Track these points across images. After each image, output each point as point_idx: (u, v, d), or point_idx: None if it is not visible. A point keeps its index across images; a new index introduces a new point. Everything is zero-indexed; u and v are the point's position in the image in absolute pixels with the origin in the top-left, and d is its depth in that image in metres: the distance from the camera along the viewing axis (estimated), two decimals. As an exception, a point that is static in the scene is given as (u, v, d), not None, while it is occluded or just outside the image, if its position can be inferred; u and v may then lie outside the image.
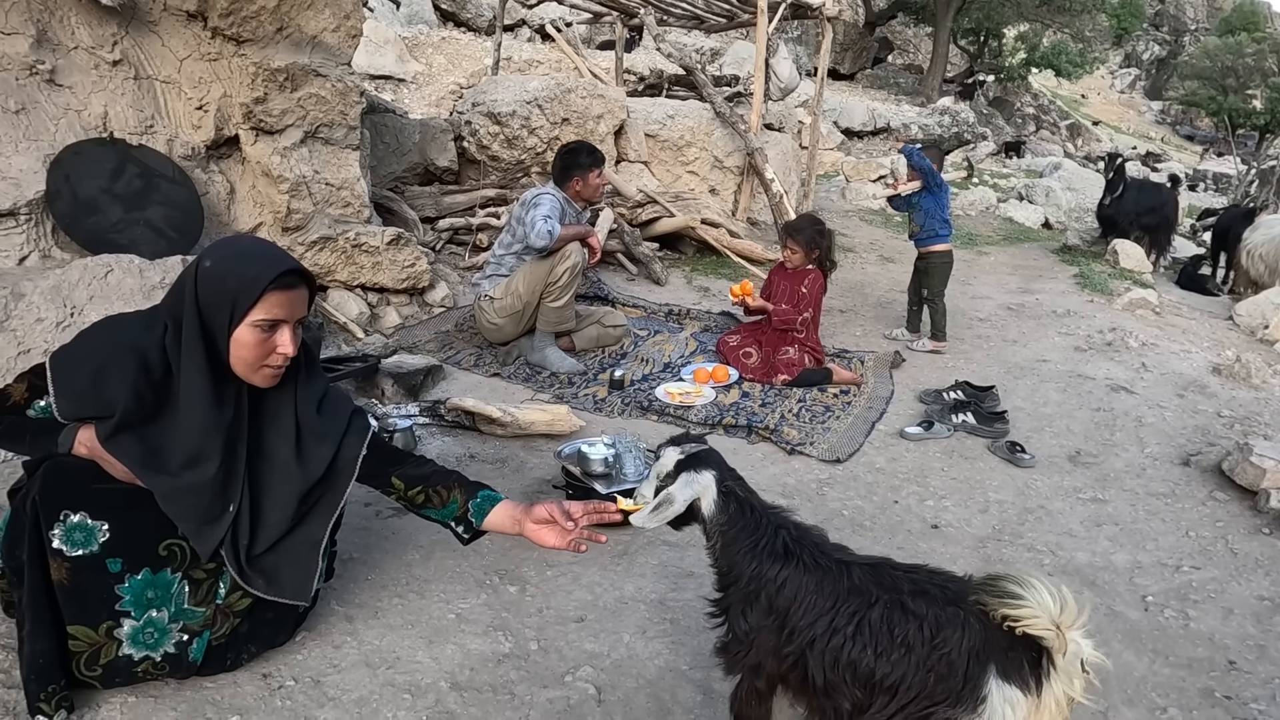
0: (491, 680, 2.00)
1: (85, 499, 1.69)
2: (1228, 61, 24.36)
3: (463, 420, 3.34)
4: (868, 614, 1.51)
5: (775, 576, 1.60)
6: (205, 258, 1.74)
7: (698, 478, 1.73)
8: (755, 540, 1.65)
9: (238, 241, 1.82)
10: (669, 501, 1.72)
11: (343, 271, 4.20)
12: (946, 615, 1.46)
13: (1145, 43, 32.17)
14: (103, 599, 1.73)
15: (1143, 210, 8.09)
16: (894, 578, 1.56)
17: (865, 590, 1.54)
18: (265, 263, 1.72)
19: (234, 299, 1.69)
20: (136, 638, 1.78)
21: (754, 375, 4.17)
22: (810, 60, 16.63)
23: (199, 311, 1.71)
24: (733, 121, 6.85)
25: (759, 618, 1.61)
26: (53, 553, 1.66)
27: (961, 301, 6.09)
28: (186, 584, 1.83)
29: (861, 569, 1.59)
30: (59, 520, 1.66)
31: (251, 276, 1.70)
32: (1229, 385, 4.56)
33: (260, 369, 1.76)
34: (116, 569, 1.73)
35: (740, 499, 1.72)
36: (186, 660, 1.85)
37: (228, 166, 3.99)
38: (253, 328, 1.71)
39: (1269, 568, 2.79)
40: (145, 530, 1.76)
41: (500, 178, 5.98)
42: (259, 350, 1.73)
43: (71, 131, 3.44)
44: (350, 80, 4.07)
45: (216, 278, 1.70)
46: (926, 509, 3.06)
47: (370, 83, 10.39)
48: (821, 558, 1.61)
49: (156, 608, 1.79)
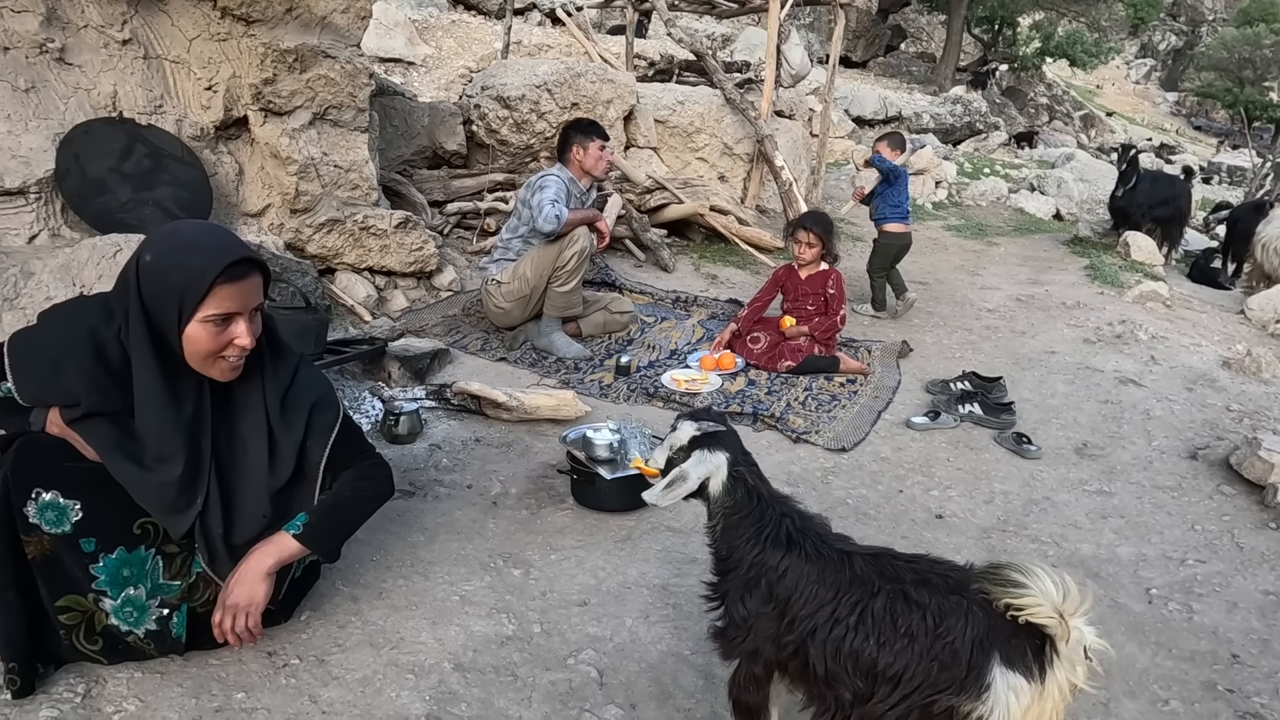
0: (494, 662, 2.02)
1: (57, 477, 1.67)
2: (1245, 53, 24.06)
3: (469, 404, 3.34)
4: (870, 604, 1.50)
5: (776, 565, 1.60)
6: (145, 251, 1.63)
7: (710, 457, 1.72)
8: (759, 527, 1.64)
9: (180, 231, 1.68)
10: (682, 479, 1.71)
11: (350, 254, 4.20)
12: (950, 604, 1.46)
13: (1162, 33, 31.80)
14: (79, 576, 1.71)
15: (1155, 202, 8.01)
16: (896, 567, 1.56)
17: (867, 580, 1.53)
18: (211, 254, 1.61)
19: (180, 295, 1.60)
20: (119, 613, 1.78)
21: (759, 361, 4.16)
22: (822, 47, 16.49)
23: (144, 308, 1.63)
24: (743, 108, 6.81)
25: (758, 604, 1.61)
26: (28, 527, 1.65)
27: (970, 292, 6.06)
28: (160, 559, 1.80)
29: (863, 559, 1.58)
30: (31, 498, 1.65)
31: (198, 270, 1.60)
32: (1239, 379, 4.53)
33: (216, 363, 1.69)
34: (90, 549, 1.71)
35: (749, 485, 1.71)
36: (170, 637, 1.83)
37: (236, 147, 3.99)
38: (204, 324, 1.63)
39: (1275, 562, 2.78)
40: (118, 510, 1.72)
41: (509, 162, 5.97)
42: (212, 345, 1.65)
43: (81, 110, 3.44)
44: (359, 62, 4.06)
45: (159, 273, 1.60)
46: (931, 499, 3.05)
47: (380, 65, 10.35)
48: (824, 547, 1.61)
49: (133, 585, 1.77)
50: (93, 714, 1.73)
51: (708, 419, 1.81)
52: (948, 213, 9.50)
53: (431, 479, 2.85)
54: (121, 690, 1.79)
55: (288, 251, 3.93)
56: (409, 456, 2.99)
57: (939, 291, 6.01)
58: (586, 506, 2.75)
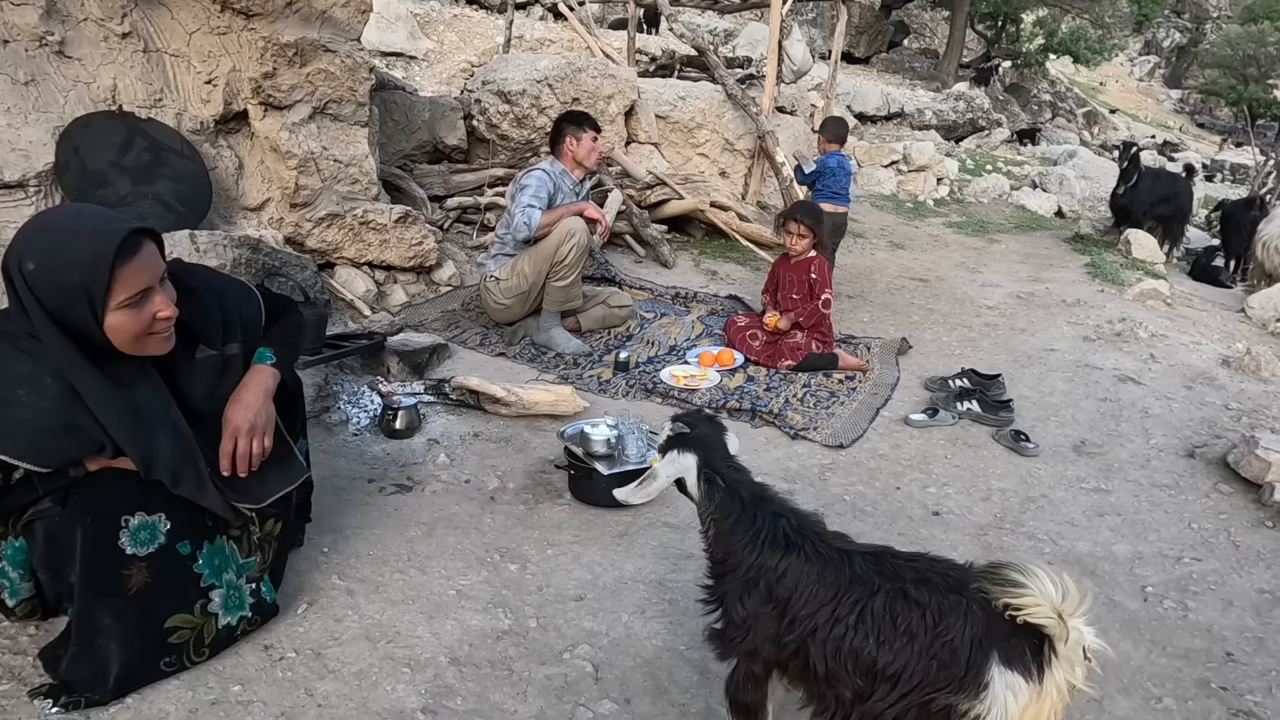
0: (490, 656, 2.02)
1: (136, 498, 1.72)
2: (1250, 50, 23.95)
3: (467, 399, 3.35)
4: (870, 603, 1.51)
5: (775, 566, 1.60)
6: (24, 259, 1.52)
7: (679, 458, 1.74)
8: (755, 530, 1.64)
9: (49, 227, 1.56)
10: (652, 477, 1.75)
11: (350, 249, 4.20)
12: (949, 603, 1.47)
13: (1166, 30, 31.67)
14: (188, 580, 1.80)
15: (1157, 200, 8.00)
16: (895, 566, 1.56)
17: (867, 579, 1.54)
18: (97, 239, 1.52)
19: (85, 292, 1.52)
20: (227, 604, 1.88)
21: (758, 358, 4.16)
22: (824, 43, 16.46)
23: (50, 317, 1.54)
24: (744, 104, 6.80)
25: (756, 604, 1.61)
26: (127, 561, 1.69)
27: (971, 289, 6.06)
28: (233, 543, 1.93)
29: (863, 558, 1.59)
30: (123, 527, 1.70)
31: (91, 261, 1.51)
32: (1238, 378, 4.52)
33: (148, 341, 1.65)
34: (187, 550, 1.80)
35: (727, 486, 1.71)
36: (267, 603, 1.98)
37: (236, 141, 3.98)
38: (121, 310, 1.56)
39: (1270, 561, 2.79)
40: (190, 510, 1.80)
41: (510, 157, 5.96)
42: (137, 326, 1.60)
43: (81, 104, 3.44)
44: (359, 56, 4.06)
45: (49, 274, 1.52)
46: (928, 496, 3.06)
47: (381, 60, 10.33)
48: (822, 547, 1.61)
49: (226, 570, 1.89)
50: (91, 709, 1.73)
51: (686, 420, 1.82)
52: (949, 209, 9.48)
53: (429, 474, 2.86)
54: (118, 682, 1.80)
55: (287, 246, 3.93)
56: (407, 451, 3.00)
57: (939, 288, 6.00)
58: (584, 502, 2.76)
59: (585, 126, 4.06)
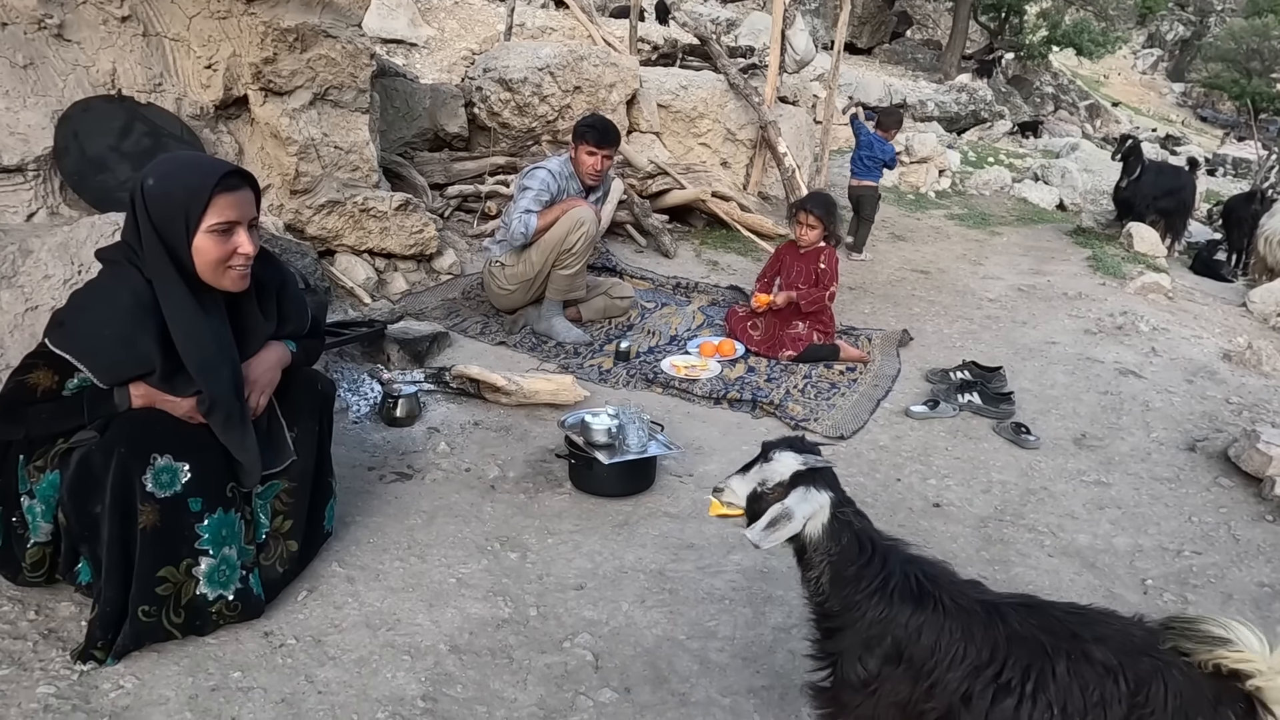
0: (490, 644, 2.02)
1: (168, 441, 1.79)
2: (1253, 44, 23.89)
3: (468, 388, 3.34)
4: (1047, 667, 1.31)
5: (907, 621, 1.41)
6: (147, 176, 1.79)
7: (815, 496, 1.51)
8: (883, 579, 1.45)
9: (175, 156, 1.92)
10: (786, 517, 1.49)
11: (350, 236, 4.18)
12: (1143, 667, 1.28)
13: (1170, 23, 31.55)
14: (184, 537, 1.83)
15: (1160, 193, 7.98)
16: (1059, 621, 1.38)
17: (1031, 637, 1.35)
18: (207, 169, 1.81)
19: (185, 209, 1.77)
20: (212, 576, 1.88)
21: (759, 348, 4.15)
22: (827, 33, 16.37)
23: (155, 230, 1.78)
24: (747, 94, 6.77)
25: (881, 664, 1.41)
26: (144, 497, 1.75)
27: (972, 282, 6.04)
28: (242, 523, 1.95)
29: (1015, 611, 1.40)
30: (150, 464, 1.76)
31: (197, 184, 1.77)
32: (1239, 372, 4.52)
33: (226, 272, 1.85)
34: (197, 508, 1.83)
35: (855, 529, 1.51)
36: (253, 596, 1.97)
37: (236, 127, 3.96)
38: (209, 234, 1.79)
39: (1270, 554, 2.79)
40: (216, 472, 1.87)
41: (511, 145, 5.93)
42: (220, 252, 1.81)
43: (80, 88, 3.42)
44: (360, 42, 4.03)
45: (163, 192, 1.77)
46: (929, 488, 3.06)
47: (382, 47, 10.28)
48: (962, 599, 1.42)
49: (229, 544, 1.90)
50: (90, 691, 1.74)
51: (809, 450, 1.59)
52: (951, 202, 9.46)
53: (429, 462, 2.85)
54: (119, 669, 1.80)
55: (287, 233, 3.91)
56: (407, 439, 2.99)
57: (941, 280, 5.99)
58: (584, 491, 2.75)
59: (586, 141, 3.96)
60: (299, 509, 2.09)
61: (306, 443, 2.10)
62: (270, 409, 2.02)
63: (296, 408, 2.09)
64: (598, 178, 4.10)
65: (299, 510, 2.09)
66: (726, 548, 2.52)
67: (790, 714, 1.91)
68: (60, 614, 1.92)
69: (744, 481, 1.61)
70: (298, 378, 2.11)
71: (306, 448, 2.10)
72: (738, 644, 2.11)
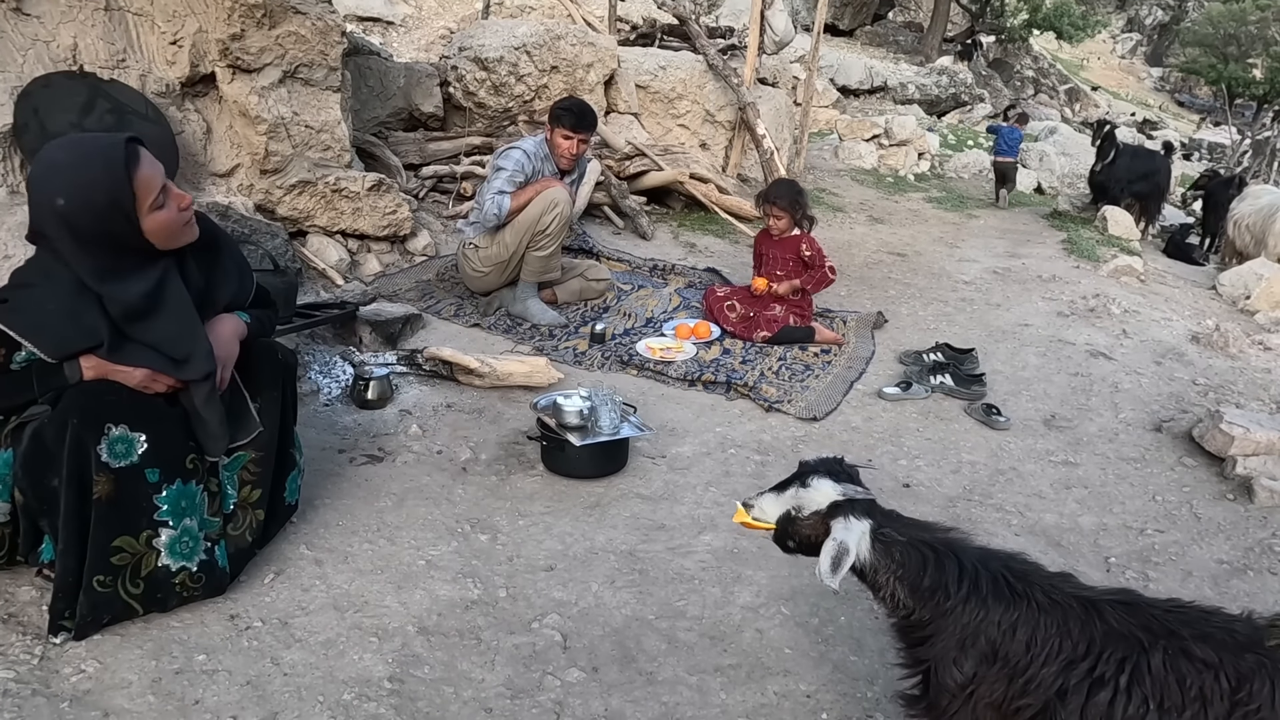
0: (459, 625, 2.03)
1: (122, 411, 1.77)
2: (1230, 29, 24.04)
3: (441, 370, 3.32)
4: (1143, 661, 1.30)
5: (1000, 619, 1.39)
6: (52, 198, 1.69)
7: (856, 525, 1.51)
8: (972, 581, 1.43)
9: (58, 162, 1.73)
10: (845, 553, 1.49)
11: (322, 217, 4.13)
12: (1246, 664, 1.26)
13: (1149, 7, 31.68)
14: (142, 508, 1.81)
15: (1135, 177, 8.05)
16: (1159, 617, 1.36)
17: (1128, 634, 1.34)
18: (104, 157, 1.72)
19: (119, 208, 1.71)
20: (174, 547, 1.86)
21: (735, 329, 4.15)
22: (808, 14, 16.29)
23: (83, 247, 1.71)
24: (726, 75, 6.73)
25: (977, 665, 1.40)
26: (99, 467, 1.73)
27: (948, 264, 6.08)
28: (205, 495, 1.94)
29: (1113, 607, 1.38)
30: (104, 434, 1.74)
31: (110, 180, 1.70)
32: (1206, 354, 4.59)
33: (183, 231, 1.85)
34: (154, 479, 1.82)
35: (906, 542, 1.51)
36: (217, 569, 1.96)
37: (204, 105, 3.88)
38: (154, 210, 1.76)
39: (1229, 532, 2.85)
40: (175, 442, 1.85)
41: (487, 125, 5.87)
42: (172, 216, 1.81)
43: (40, 63, 3.34)
44: (331, 19, 3.96)
45: (83, 204, 1.69)
46: (899, 468, 3.09)
47: (358, 25, 10.12)
48: (1056, 594, 1.41)
49: (189, 516, 1.89)
50: (50, 676, 1.72)
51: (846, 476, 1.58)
52: (929, 184, 9.49)
53: (401, 444, 2.84)
54: (80, 652, 1.78)
55: (258, 213, 3.85)
56: (379, 421, 2.97)
57: (916, 263, 6.02)
58: (556, 473, 2.75)
59: (563, 124, 3.91)
60: (266, 478, 2.09)
61: (271, 412, 2.09)
62: (233, 382, 2.01)
63: (258, 378, 2.08)
64: (573, 162, 4.06)
65: (266, 480, 2.09)
66: (697, 528, 2.53)
67: (756, 691, 1.93)
68: (20, 598, 1.90)
69: (777, 502, 1.61)
70: (257, 349, 2.09)
71: (271, 417, 2.09)
72: (706, 623, 2.13)
